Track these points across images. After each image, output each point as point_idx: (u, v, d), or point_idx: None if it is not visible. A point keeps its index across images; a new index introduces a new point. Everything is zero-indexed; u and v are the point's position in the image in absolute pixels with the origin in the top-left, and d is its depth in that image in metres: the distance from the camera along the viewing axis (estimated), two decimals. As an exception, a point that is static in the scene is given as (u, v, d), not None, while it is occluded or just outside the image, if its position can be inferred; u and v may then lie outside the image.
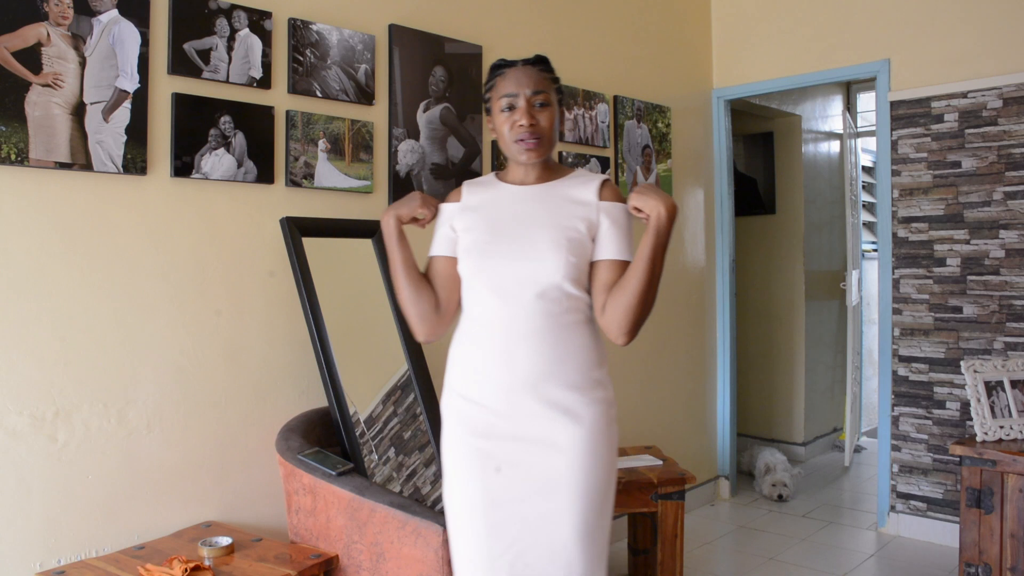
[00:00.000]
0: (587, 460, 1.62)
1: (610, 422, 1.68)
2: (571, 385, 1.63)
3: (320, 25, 2.57)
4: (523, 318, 1.63)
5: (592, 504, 1.63)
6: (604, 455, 1.65)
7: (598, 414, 1.64)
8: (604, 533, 1.68)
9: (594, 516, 1.63)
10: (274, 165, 2.46)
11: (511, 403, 1.63)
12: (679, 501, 2.74)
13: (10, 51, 1.91)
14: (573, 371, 1.64)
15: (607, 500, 1.67)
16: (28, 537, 1.96)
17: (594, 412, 1.64)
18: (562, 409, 1.62)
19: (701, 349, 4.26)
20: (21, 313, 1.96)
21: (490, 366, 1.65)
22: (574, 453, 1.61)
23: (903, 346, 3.73)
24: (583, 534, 1.62)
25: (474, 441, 1.66)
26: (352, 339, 2.47)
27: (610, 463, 1.67)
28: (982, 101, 3.48)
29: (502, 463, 1.64)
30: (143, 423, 2.17)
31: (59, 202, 2.03)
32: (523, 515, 1.62)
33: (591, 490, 1.62)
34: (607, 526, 1.68)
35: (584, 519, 1.62)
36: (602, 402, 1.66)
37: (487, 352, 1.66)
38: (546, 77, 1.73)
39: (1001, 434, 2.84)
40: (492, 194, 1.77)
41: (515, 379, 1.63)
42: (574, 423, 1.62)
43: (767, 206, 5.25)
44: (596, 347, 1.70)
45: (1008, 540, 2.68)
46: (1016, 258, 3.42)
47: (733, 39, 4.32)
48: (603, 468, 1.64)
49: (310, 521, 2.15)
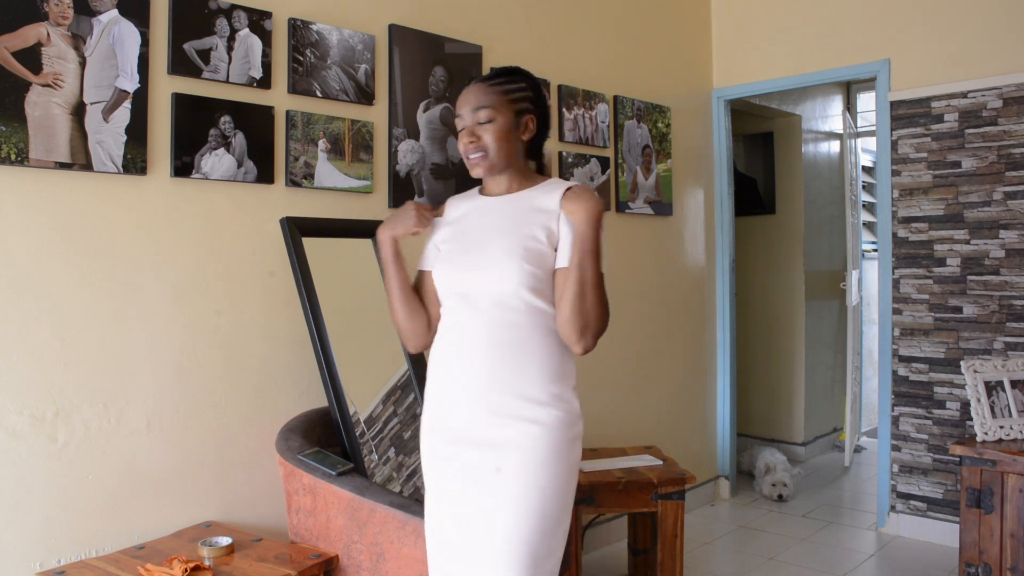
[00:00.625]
0: (539, 461, 1.60)
1: (569, 437, 1.64)
2: (526, 397, 1.62)
3: (320, 25, 2.57)
4: (483, 327, 1.65)
5: (540, 507, 1.59)
6: (556, 461, 1.61)
7: (556, 421, 1.62)
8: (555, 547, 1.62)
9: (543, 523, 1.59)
10: (274, 165, 2.46)
11: (470, 409, 1.65)
12: (679, 501, 2.74)
13: (10, 51, 1.92)
14: (530, 383, 1.62)
15: (561, 511, 1.62)
16: (28, 537, 1.96)
17: (552, 419, 1.62)
18: (516, 416, 1.62)
19: (701, 349, 4.26)
20: (21, 313, 1.96)
21: (454, 372, 1.69)
22: (525, 452, 1.60)
23: (903, 346, 3.73)
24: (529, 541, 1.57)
25: (438, 446, 1.70)
26: (352, 339, 2.47)
27: (562, 471, 1.61)
28: (982, 101, 3.48)
29: (461, 467, 1.65)
30: (143, 423, 2.17)
31: (59, 202, 2.03)
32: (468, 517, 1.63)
33: (540, 493, 1.59)
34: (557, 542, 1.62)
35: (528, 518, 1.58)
36: (560, 415, 1.62)
37: (451, 359, 1.70)
38: (495, 91, 1.72)
39: (1001, 434, 2.84)
40: (469, 206, 1.82)
41: (473, 386, 1.65)
42: (531, 424, 1.61)
43: (767, 206, 5.25)
44: (559, 361, 1.66)
45: (1008, 540, 2.68)
46: (1016, 258, 3.42)
47: (733, 39, 4.32)
48: (554, 472, 1.60)
49: (310, 521, 2.15)
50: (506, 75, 1.77)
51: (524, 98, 1.75)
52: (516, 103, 1.73)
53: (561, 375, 1.66)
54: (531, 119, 1.75)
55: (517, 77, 1.77)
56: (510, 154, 1.73)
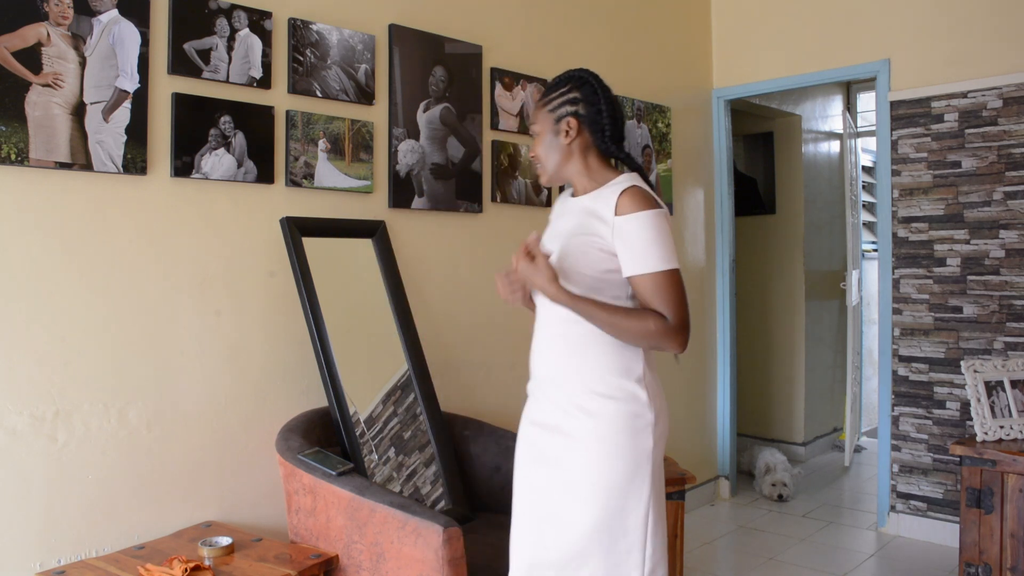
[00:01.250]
0: (598, 448, 1.67)
1: (633, 427, 1.68)
2: (580, 390, 1.70)
3: (320, 25, 2.57)
4: (548, 322, 1.77)
5: (604, 498, 1.66)
6: (617, 451, 1.66)
7: (615, 412, 1.67)
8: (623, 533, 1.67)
9: (604, 512, 1.66)
10: (274, 165, 2.46)
11: (538, 402, 1.80)
12: (679, 501, 2.74)
13: (10, 51, 1.91)
14: (588, 376, 1.70)
15: (625, 500, 1.67)
16: (28, 537, 1.96)
17: (611, 410, 1.68)
18: (577, 407, 1.70)
19: (701, 349, 4.26)
20: (21, 313, 1.96)
21: (531, 366, 1.83)
22: (586, 444, 1.68)
23: (903, 346, 3.73)
24: (595, 527, 1.66)
25: (525, 427, 1.85)
26: (352, 339, 2.47)
27: (627, 462, 1.67)
28: (982, 101, 3.48)
29: (530, 445, 1.81)
30: (143, 423, 2.17)
31: (59, 202, 2.03)
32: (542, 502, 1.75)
33: (603, 483, 1.66)
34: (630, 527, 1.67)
35: (595, 511, 1.66)
36: (621, 405, 1.68)
37: (532, 353, 1.84)
38: (539, 105, 1.83)
39: (1001, 434, 2.84)
40: (560, 206, 1.90)
41: (542, 377, 1.79)
42: (588, 417, 1.69)
43: (767, 206, 5.24)
44: (617, 356, 1.70)
45: (1008, 540, 2.68)
46: (1016, 258, 3.42)
47: (733, 39, 4.32)
48: (617, 463, 1.66)
49: (310, 521, 2.15)
50: (551, 85, 1.83)
51: (564, 103, 1.78)
52: (554, 111, 1.78)
53: (621, 369, 1.70)
54: (570, 121, 1.76)
55: (560, 83, 1.81)
56: (559, 162, 1.79)
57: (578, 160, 1.79)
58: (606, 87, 1.79)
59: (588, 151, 1.79)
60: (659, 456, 1.72)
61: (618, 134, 1.79)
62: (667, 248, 1.64)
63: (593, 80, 1.79)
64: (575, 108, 1.77)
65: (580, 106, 1.77)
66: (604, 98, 1.77)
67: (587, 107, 1.76)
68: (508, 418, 2.95)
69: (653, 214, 1.64)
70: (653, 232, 1.64)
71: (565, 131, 1.77)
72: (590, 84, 1.78)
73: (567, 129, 1.76)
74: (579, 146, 1.78)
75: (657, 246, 1.63)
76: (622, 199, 1.66)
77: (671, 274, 1.64)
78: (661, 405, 1.74)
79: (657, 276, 1.63)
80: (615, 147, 1.78)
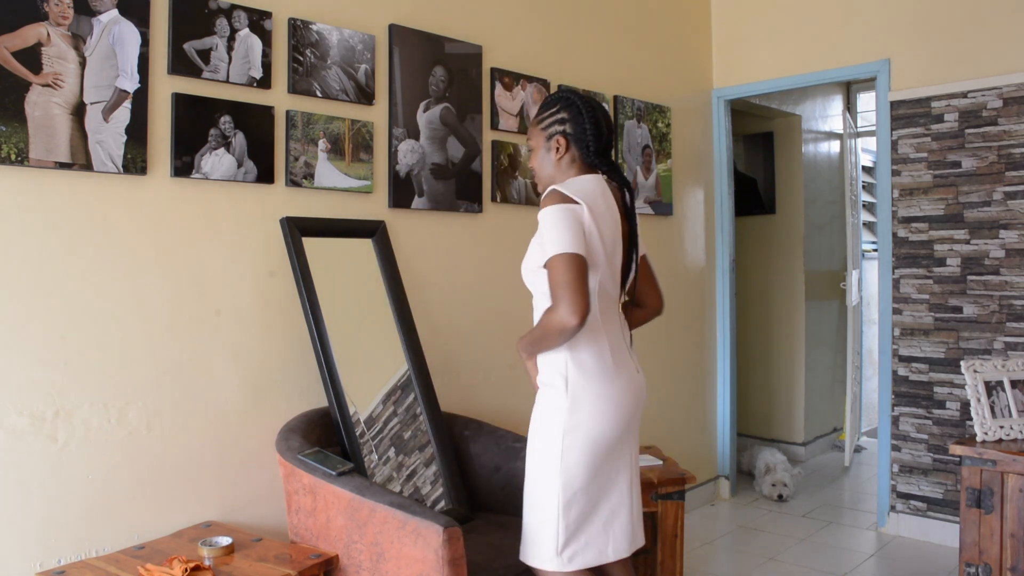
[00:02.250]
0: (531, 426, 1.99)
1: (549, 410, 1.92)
2: (541, 375, 1.98)
3: (320, 25, 2.57)
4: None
5: (529, 470, 1.97)
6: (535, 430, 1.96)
7: (540, 397, 1.97)
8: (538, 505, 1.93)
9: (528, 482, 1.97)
10: (274, 165, 2.46)
11: None
12: (679, 501, 2.74)
13: (10, 51, 1.92)
14: (542, 359, 1.97)
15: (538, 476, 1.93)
16: (28, 537, 1.96)
17: (540, 395, 1.97)
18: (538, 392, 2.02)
19: (701, 349, 4.26)
20: (21, 313, 1.96)
21: None
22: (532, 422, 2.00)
23: (903, 346, 3.73)
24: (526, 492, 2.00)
25: None
26: (352, 339, 2.47)
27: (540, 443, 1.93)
28: (982, 101, 3.48)
29: None
30: (143, 423, 2.17)
31: (59, 202, 2.03)
32: None
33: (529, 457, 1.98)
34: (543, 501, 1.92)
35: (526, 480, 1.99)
36: (546, 391, 1.95)
37: None
38: (533, 123, 2.06)
39: (1001, 434, 2.83)
40: None
41: None
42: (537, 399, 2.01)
43: (767, 206, 5.24)
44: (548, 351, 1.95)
45: (1008, 540, 2.68)
46: (1016, 258, 3.42)
47: (733, 39, 4.32)
48: (534, 441, 1.96)
49: (310, 521, 2.15)
50: (543, 106, 2.05)
51: (554, 122, 2.00)
52: (545, 129, 2.02)
53: (550, 361, 1.94)
54: (559, 139, 1.99)
55: (550, 103, 2.02)
56: (551, 174, 2.02)
57: (566, 171, 2.00)
58: (591, 106, 1.99)
59: (574, 163, 2.00)
60: (574, 446, 1.89)
61: (600, 147, 1.99)
62: (561, 235, 1.80)
63: (578, 101, 1.99)
64: (563, 127, 1.99)
65: (567, 125, 1.99)
66: (588, 118, 1.97)
67: (573, 126, 1.98)
68: (508, 418, 2.95)
69: (553, 208, 1.83)
70: (551, 223, 1.82)
71: (555, 148, 2.00)
72: (576, 106, 1.98)
73: (557, 146, 1.99)
74: (567, 160, 2.00)
75: (552, 235, 1.81)
76: (542, 201, 1.89)
77: (558, 257, 1.79)
78: (589, 401, 1.90)
79: (551, 261, 1.80)
80: (599, 159, 1.99)
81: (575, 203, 1.84)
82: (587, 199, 1.86)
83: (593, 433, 1.89)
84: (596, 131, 1.97)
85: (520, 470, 2.45)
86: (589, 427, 1.89)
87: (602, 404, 1.90)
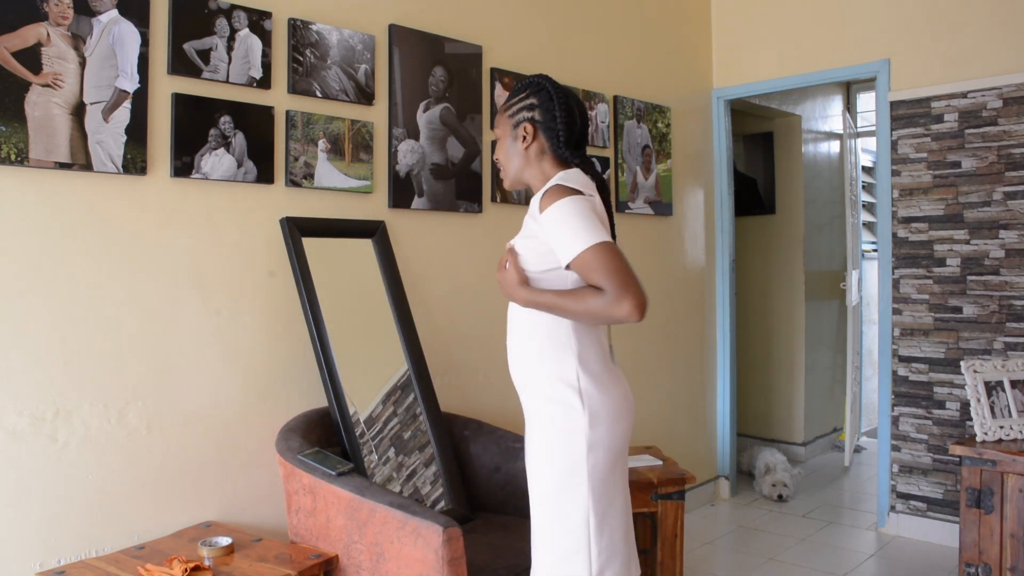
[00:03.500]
0: (539, 452, 1.75)
1: (566, 431, 1.70)
2: (537, 395, 1.76)
3: (320, 25, 2.57)
4: (510, 331, 1.84)
5: (546, 501, 1.73)
6: (551, 455, 1.72)
7: (550, 416, 1.72)
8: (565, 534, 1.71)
9: (546, 514, 1.73)
10: (274, 165, 2.46)
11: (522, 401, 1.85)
12: (679, 501, 2.74)
13: (10, 51, 1.91)
14: (537, 383, 1.75)
15: (563, 503, 1.71)
16: (28, 537, 1.96)
17: (548, 414, 1.73)
18: (532, 412, 1.78)
19: (701, 349, 4.26)
20: (21, 313, 1.96)
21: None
22: (532, 449, 1.78)
23: (903, 346, 3.72)
24: (539, 528, 1.76)
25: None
26: (352, 339, 2.47)
27: (560, 466, 1.71)
28: (982, 101, 3.48)
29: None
30: (143, 423, 2.17)
31: (59, 202, 2.03)
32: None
33: (542, 487, 1.74)
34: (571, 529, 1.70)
35: (538, 513, 1.76)
36: (557, 409, 1.71)
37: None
38: (500, 111, 1.87)
39: (1001, 434, 2.83)
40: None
41: (515, 383, 1.84)
42: (537, 421, 1.76)
43: (767, 206, 5.24)
44: (554, 363, 1.73)
45: (1008, 540, 2.68)
46: (1016, 258, 3.42)
47: (733, 39, 4.32)
48: (551, 467, 1.72)
49: (310, 521, 2.15)
50: (512, 92, 1.86)
51: (521, 108, 1.81)
52: (513, 116, 1.83)
53: (556, 375, 1.72)
54: (526, 127, 1.80)
55: (519, 89, 1.84)
56: (519, 166, 1.83)
57: (535, 164, 1.82)
58: (563, 92, 1.81)
59: (544, 155, 1.81)
60: (600, 461, 1.70)
61: (573, 139, 1.80)
62: (588, 227, 1.64)
63: (549, 86, 1.81)
64: (531, 114, 1.80)
65: (536, 112, 1.80)
66: (559, 103, 1.78)
67: (542, 112, 1.79)
68: (508, 418, 2.95)
69: (567, 200, 1.65)
70: (570, 216, 1.64)
71: (522, 136, 1.80)
72: (546, 90, 1.80)
73: (524, 135, 1.80)
74: (536, 150, 1.81)
75: (577, 228, 1.63)
76: (544, 198, 1.69)
77: (597, 248, 1.62)
78: (605, 411, 1.71)
79: (585, 254, 1.62)
80: (569, 152, 1.79)
81: (583, 195, 1.68)
82: (588, 191, 1.72)
83: (616, 442, 1.73)
84: (568, 120, 1.77)
85: (520, 470, 2.45)
86: (610, 438, 1.72)
87: (616, 410, 1.73)
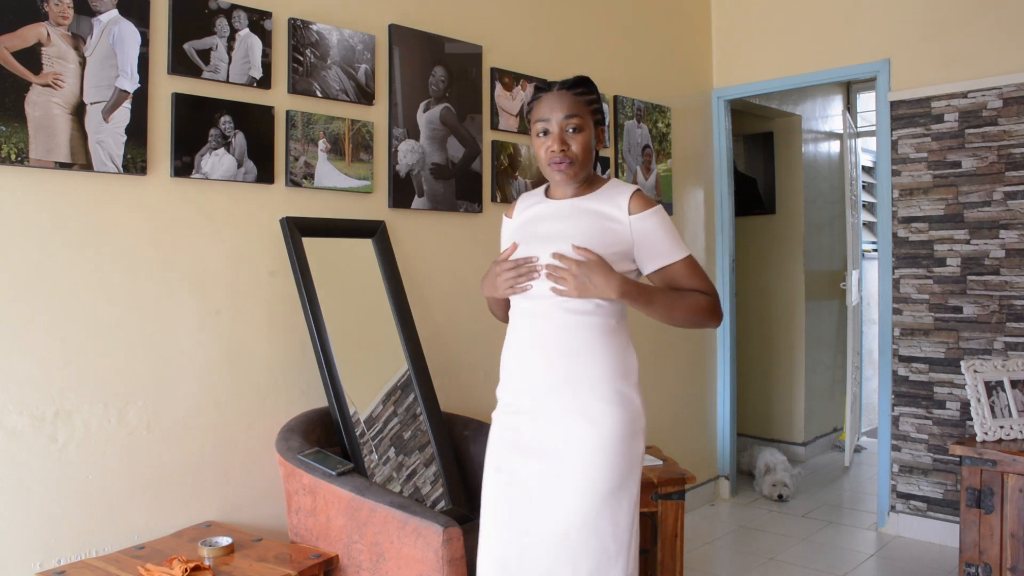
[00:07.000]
0: (596, 457, 1.66)
1: (631, 431, 1.69)
2: (587, 395, 1.68)
3: (320, 25, 2.57)
4: (547, 326, 1.72)
5: (598, 501, 1.65)
6: (614, 458, 1.66)
7: (616, 419, 1.67)
8: (612, 538, 1.66)
9: (597, 515, 1.65)
10: (274, 165, 2.46)
11: (538, 404, 1.72)
12: (679, 501, 2.74)
13: (10, 51, 1.92)
14: (590, 381, 1.69)
15: (617, 505, 1.66)
16: (28, 537, 1.96)
17: (612, 417, 1.67)
18: (580, 412, 1.68)
19: (701, 349, 4.26)
20: (21, 313, 1.96)
21: (521, 369, 1.76)
22: (585, 450, 1.66)
23: (903, 346, 3.72)
24: (588, 529, 1.65)
25: (505, 433, 1.77)
26: (352, 339, 2.47)
27: (622, 468, 1.67)
28: (982, 101, 3.48)
29: (528, 452, 1.72)
30: (143, 423, 2.17)
31: (59, 202, 2.03)
32: (534, 506, 1.69)
33: (597, 487, 1.65)
34: (619, 532, 1.67)
35: (587, 514, 1.65)
36: (620, 411, 1.68)
37: (519, 356, 1.77)
38: (581, 100, 1.75)
39: (1001, 434, 2.84)
40: (535, 209, 1.87)
41: (540, 383, 1.71)
42: (591, 425, 1.67)
43: (767, 206, 5.25)
44: (621, 357, 1.72)
45: (1008, 540, 2.68)
46: (1016, 258, 3.42)
47: (733, 39, 4.32)
48: (613, 469, 1.66)
49: (310, 521, 2.15)
50: (585, 85, 1.79)
51: (598, 109, 1.81)
52: (594, 114, 1.79)
53: (623, 371, 1.71)
54: (602, 130, 1.82)
55: (593, 88, 1.80)
56: (589, 163, 1.79)
57: (591, 166, 1.83)
58: None
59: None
60: (639, 460, 1.73)
61: None
62: (679, 236, 1.77)
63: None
64: (601, 117, 1.81)
65: (603, 116, 1.83)
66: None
67: (602, 117, 1.83)
68: (508, 418, 2.94)
69: (662, 208, 1.76)
70: (670, 225, 1.75)
71: (600, 136, 1.81)
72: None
73: (601, 135, 1.81)
74: (596, 153, 1.84)
75: (676, 235, 1.75)
76: (633, 200, 1.72)
77: (692, 257, 1.76)
78: (643, 402, 1.76)
79: (686, 261, 1.74)
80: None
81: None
82: None
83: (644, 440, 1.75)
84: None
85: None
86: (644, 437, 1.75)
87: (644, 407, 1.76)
